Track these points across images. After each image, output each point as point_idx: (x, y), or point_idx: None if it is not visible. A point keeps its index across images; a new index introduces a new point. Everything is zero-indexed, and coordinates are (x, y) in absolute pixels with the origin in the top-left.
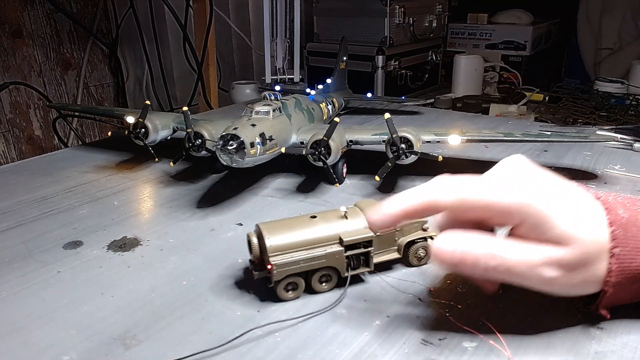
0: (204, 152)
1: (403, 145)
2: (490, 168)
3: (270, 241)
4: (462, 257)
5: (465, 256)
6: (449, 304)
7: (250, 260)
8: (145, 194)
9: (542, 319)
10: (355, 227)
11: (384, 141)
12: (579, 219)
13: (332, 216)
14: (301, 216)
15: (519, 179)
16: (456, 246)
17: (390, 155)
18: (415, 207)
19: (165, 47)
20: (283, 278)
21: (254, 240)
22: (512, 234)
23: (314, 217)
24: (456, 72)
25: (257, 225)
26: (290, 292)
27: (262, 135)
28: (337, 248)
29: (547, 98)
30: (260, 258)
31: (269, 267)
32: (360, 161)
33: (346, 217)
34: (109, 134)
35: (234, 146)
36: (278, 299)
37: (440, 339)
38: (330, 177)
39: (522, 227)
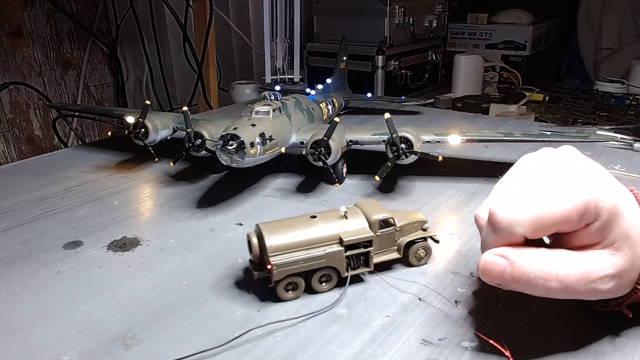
0: (204, 152)
1: (403, 145)
2: (489, 168)
3: (270, 241)
4: (513, 277)
5: (518, 277)
6: (449, 304)
7: (250, 260)
8: (145, 194)
9: (542, 319)
10: (355, 227)
11: (384, 141)
12: (637, 214)
13: (332, 216)
14: (301, 216)
15: (574, 175)
16: (507, 265)
17: (390, 155)
18: (498, 251)
19: (165, 47)
20: (283, 278)
21: (254, 240)
22: (561, 241)
23: (314, 217)
24: (456, 72)
25: (257, 225)
26: (290, 292)
27: (262, 135)
28: (337, 248)
29: (547, 98)
30: (260, 258)
31: (269, 267)
32: (360, 161)
33: (346, 217)
34: (109, 134)
35: (234, 146)
36: (278, 299)
37: (440, 339)
38: (330, 177)
39: (586, 229)
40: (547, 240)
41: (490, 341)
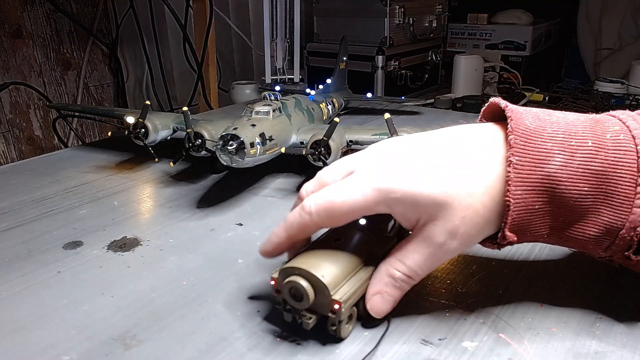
0: (204, 152)
1: None
2: None
3: (326, 278)
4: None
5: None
6: (449, 304)
7: (289, 310)
8: (145, 194)
9: (542, 319)
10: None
11: None
12: (451, 182)
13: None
14: (321, 241)
15: (377, 166)
16: None
17: None
18: (286, 241)
19: (165, 47)
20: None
21: (304, 283)
22: (407, 224)
23: (338, 239)
24: (456, 72)
25: (285, 269)
26: (349, 326)
27: (262, 135)
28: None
29: (547, 98)
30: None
31: (336, 306)
32: None
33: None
34: (109, 134)
35: (234, 146)
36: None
37: (440, 339)
38: None
39: (399, 214)
40: None
41: (501, 335)
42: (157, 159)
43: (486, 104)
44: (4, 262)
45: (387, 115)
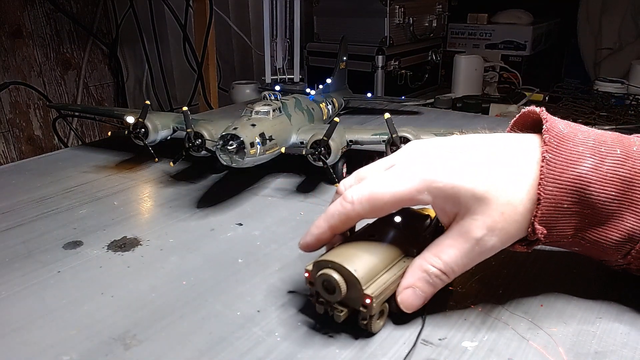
0: (204, 152)
1: (403, 145)
2: None
3: (358, 272)
4: None
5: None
6: (449, 304)
7: (323, 302)
8: (145, 194)
9: (542, 319)
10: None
11: (384, 141)
12: (491, 179)
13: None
14: (358, 236)
15: (420, 160)
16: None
17: None
18: (327, 232)
19: (165, 47)
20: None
21: (337, 276)
22: (444, 219)
23: (373, 235)
24: (456, 72)
25: (320, 261)
26: (380, 321)
27: (262, 135)
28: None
29: (547, 98)
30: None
31: (367, 301)
32: (360, 161)
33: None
34: (109, 134)
35: (234, 146)
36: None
37: (440, 339)
38: (330, 177)
39: (439, 207)
40: None
41: (519, 317)
42: (157, 159)
43: (518, 114)
44: (4, 262)
45: (387, 115)
